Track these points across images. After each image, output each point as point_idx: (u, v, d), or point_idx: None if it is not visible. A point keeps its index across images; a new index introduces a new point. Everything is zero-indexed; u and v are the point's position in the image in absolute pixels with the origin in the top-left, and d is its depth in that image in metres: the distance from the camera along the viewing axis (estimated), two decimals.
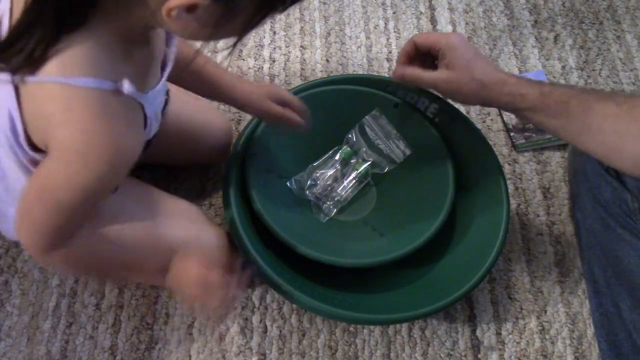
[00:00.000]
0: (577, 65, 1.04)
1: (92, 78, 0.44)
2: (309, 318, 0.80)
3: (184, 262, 0.62)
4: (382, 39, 1.05)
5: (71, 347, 0.77)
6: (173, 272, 0.62)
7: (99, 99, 0.45)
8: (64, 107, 0.45)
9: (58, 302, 0.79)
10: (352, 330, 0.79)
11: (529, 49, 1.05)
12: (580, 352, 0.80)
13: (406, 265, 0.77)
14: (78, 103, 0.45)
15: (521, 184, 0.92)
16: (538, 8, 1.11)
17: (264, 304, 0.81)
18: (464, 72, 0.65)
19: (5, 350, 0.76)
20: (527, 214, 0.90)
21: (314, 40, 1.04)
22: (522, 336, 0.81)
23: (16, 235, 0.56)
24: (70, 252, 0.58)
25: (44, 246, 0.55)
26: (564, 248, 0.87)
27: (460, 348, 0.79)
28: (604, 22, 1.09)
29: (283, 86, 0.98)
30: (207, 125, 0.83)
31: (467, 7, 1.10)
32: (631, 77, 1.03)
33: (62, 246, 0.56)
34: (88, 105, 0.45)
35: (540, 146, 0.95)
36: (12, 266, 0.81)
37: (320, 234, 0.79)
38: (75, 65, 0.44)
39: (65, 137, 0.46)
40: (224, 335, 0.78)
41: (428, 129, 0.80)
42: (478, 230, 0.76)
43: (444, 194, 0.76)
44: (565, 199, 0.91)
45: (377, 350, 0.78)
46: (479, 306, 0.82)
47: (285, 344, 0.78)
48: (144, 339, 0.78)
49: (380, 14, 1.08)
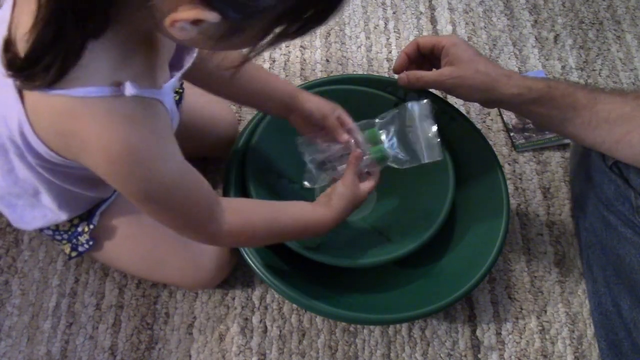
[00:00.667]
0: (577, 65, 1.04)
1: (94, 87, 0.43)
2: (309, 318, 0.80)
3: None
4: (382, 39, 1.05)
5: (71, 347, 0.77)
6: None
7: (103, 105, 0.44)
8: (73, 120, 0.44)
9: (58, 302, 0.79)
10: (352, 330, 0.79)
11: (529, 49, 1.05)
12: (580, 352, 0.80)
13: (406, 265, 0.77)
14: (88, 113, 0.44)
15: (521, 184, 0.92)
16: (538, 8, 1.11)
17: (264, 304, 0.81)
18: (468, 66, 0.66)
19: (5, 350, 0.76)
20: (527, 214, 0.90)
21: (314, 40, 1.04)
22: (522, 336, 0.81)
23: (189, 238, 0.58)
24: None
25: (214, 231, 0.57)
26: (564, 248, 0.87)
27: (460, 348, 0.79)
28: (604, 22, 1.09)
29: None
30: (214, 117, 0.84)
31: (467, 7, 1.10)
32: (631, 77, 1.03)
33: (228, 222, 0.57)
34: (94, 114, 0.44)
35: (540, 146, 0.95)
36: (12, 266, 0.81)
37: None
38: (74, 76, 0.43)
39: (97, 156, 0.46)
40: (224, 335, 0.78)
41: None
42: (478, 230, 0.76)
43: (444, 194, 0.75)
44: (565, 199, 0.91)
45: (377, 350, 0.78)
46: (479, 306, 0.82)
47: (285, 344, 0.78)
48: (144, 339, 0.78)
49: (380, 14, 1.08)
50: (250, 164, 0.74)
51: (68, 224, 0.69)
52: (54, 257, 0.82)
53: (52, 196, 0.61)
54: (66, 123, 0.45)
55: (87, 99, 0.43)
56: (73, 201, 0.65)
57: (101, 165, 0.47)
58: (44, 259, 0.82)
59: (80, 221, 0.69)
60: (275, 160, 0.80)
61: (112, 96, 0.44)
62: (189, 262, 0.74)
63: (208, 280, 0.76)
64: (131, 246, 0.72)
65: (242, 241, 0.64)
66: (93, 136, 0.45)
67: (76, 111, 0.44)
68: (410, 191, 0.81)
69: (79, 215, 0.69)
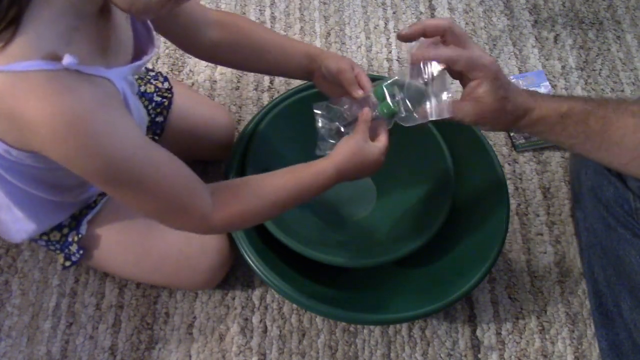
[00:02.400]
0: (577, 65, 1.04)
1: (34, 61, 0.42)
2: (309, 318, 0.80)
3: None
4: (382, 39, 1.05)
5: (71, 347, 0.77)
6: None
7: (43, 79, 0.43)
8: (15, 99, 0.43)
9: (58, 302, 0.79)
10: (352, 330, 0.79)
11: (529, 49, 1.05)
12: (580, 352, 0.80)
13: (406, 265, 0.77)
14: (28, 88, 0.43)
15: (521, 184, 0.92)
16: (538, 8, 1.11)
17: (264, 304, 0.81)
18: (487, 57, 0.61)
19: (6, 350, 0.76)
20: (527, 214, 0.90)
21: (314, 40, 1.04)
22: (522, 336, 0.81)
23: (180, 228, 0.55)
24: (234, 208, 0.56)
25: (201, 215, 0.54)
26: (564, 248, 0.87)
27: (460, 348, 0.79)
28: (604, 22, 1.09)
29: (282, 86, 0.98)
30: (210, 121, 0.83)
31: (467, 7, 1.10)
32: (631, 77, 1.03)
33: (213, 206, 0.54)
34: (34, 89, 0.43)
35: (540, 146, 0.95)
36: (12, 266, 0.81)
37: (320, 234, 0.78)
38: (16, 50, 0.42)
39: (44, 135, 0.44)
40: (224, 335, 0.78)
41: (428, 129, 0.80)
42: (478, 230, 0.76)
43: (444, 194, 0.75)
44: (565, 199, 0.91)
45: (377, 350, 0.78)
46: (479, 306, 0.82)
47: (285, 344, 0.78)
48: (144, 339, 0.78)
49: (380, 14, 1.08)
50: (250, 164, 0.74)
51: (59, 234, 0.69)
52: (54, 257, 0.82)
53: (16, 202, 0.61)
54: (8, 102, 0.43)
55: (27, 73, 0.42)
56: (40, 208, 0.64)
57: (50, 145, 0.45)
58: (44, 258, 0.82)
59: (69, 230, 0.69)
60: (277, 160, 0.80)
61: (53, 70, 0.43)
62: (183, 267, 0.73)
63: (204, 282, 0.76)
64: (122, 253, 0.72)
65: (237, 222, 0.59)
66: (36, 112, 0.43)
67: (16, 88, 0.43)
68: (410, 191, 0.81)
69: (68, 225, 0.69)
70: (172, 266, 0.73)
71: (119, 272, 0.77)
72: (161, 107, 0.78)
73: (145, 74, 0.80)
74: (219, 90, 0.97)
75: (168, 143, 0.79)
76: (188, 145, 0.82)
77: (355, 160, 0.59)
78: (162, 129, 0.79)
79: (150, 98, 0.77)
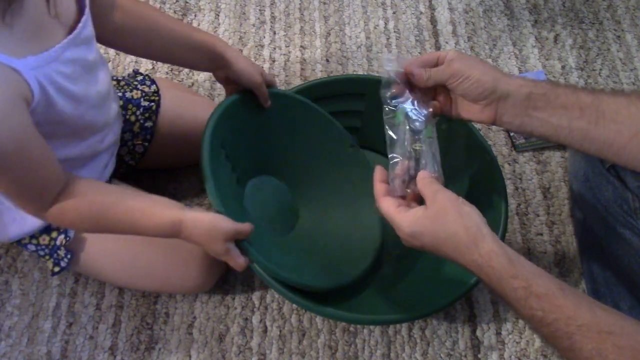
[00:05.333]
0: (577, 65, 1.04)
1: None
2: (309, 318, 0.80)
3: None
4: (382, 39, 1.05)
5: (71, 347, 0.77)
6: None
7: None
8: None
9: (58, 302, 0.79)
10: (352, 330, 0.79)
11: (529, 49, 1.05)
12: None
13: (406, 265, 0.77)
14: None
15: (521, 184, 0.92)
16: (538, 8, 1.11)
17: (264, 304, 0.81)
18: (473, 60, 0.62)
19: (6, 351, 0.76)
20: (527, 214, 0.90)
21: (314, 40, 1.04)
22: (522, 336, 0.81)
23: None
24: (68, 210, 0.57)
25: (38, 207, 0.56)
26: (564, 248, 0.87)
27: (460, 348, 0.79)
28: (604, 22, 1.09)
29: (283, 86, 0.98)
30: (201, 123, 0.82)
31: (467, 7, 1.10)
32: (631, 77, 1.03)
33: (53, 204, 0.56)
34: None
35: (540, 146, 0.95)
36: (12, 266, 0.81)
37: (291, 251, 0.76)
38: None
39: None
40: (223, 336, 0.78)
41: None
42: None
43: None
44: (565, 199, 0.91)
45: (377, 350, 0.78)
46: (479, 306, 0.82)
47: (285, 344, 0.78)
48: (144, 339, 0.78)
49: (380, 14, 1.08)
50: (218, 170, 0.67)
51: (48, 237, 0.69)
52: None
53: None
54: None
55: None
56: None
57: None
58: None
59: (58, 234, 0.69)
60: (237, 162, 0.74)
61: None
62: (174, 272, 0.73)
63: (197, 287, 0.76)
64: (110, 259, 0.72)
65: (66, 224, 0.63)
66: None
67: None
68: None
69: (57, 228, 0.68)
70: (161, 272, 0.73)
71: (111, 279, 0.77)
72: (149, 112, 0.77)
73: (133, 80, 0.79)
74: (219, 90, 0.97)
75: (159, 148, 0.78)
76: (180, 149, 0.81)
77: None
78: (152, 134, 0.78)
79: (138, 104, 0.77)
